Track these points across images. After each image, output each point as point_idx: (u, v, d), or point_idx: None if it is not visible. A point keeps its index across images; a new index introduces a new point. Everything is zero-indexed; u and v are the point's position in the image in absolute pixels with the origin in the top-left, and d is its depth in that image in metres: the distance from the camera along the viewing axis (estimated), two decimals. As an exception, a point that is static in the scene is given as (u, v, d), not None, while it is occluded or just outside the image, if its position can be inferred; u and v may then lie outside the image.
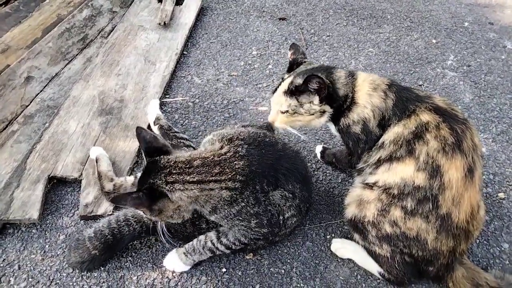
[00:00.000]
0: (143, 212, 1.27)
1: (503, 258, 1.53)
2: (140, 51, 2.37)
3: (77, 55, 2.33)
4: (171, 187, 1.21)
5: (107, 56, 2.31)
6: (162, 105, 2.10)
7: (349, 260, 1.51)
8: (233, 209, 1.27)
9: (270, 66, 2.38)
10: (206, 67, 2.36)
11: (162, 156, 1.25)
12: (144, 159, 1.30)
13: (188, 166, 1.24)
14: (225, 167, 1.25)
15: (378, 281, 1.45)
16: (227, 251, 1.41)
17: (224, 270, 1.47)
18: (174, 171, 1.22)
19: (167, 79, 2.21)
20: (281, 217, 1.37)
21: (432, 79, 2.30)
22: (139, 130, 1.29)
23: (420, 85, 2.26)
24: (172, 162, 1.23)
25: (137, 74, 2.22)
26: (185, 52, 2.46)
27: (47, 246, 1.51)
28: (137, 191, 1.22)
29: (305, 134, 1.98)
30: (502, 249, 1.55)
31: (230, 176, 1.25)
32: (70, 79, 2.18)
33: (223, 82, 2.26)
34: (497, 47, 2.53)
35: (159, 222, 1.36)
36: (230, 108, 2.11)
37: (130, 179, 1.62)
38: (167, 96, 2.16)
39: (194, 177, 1.22)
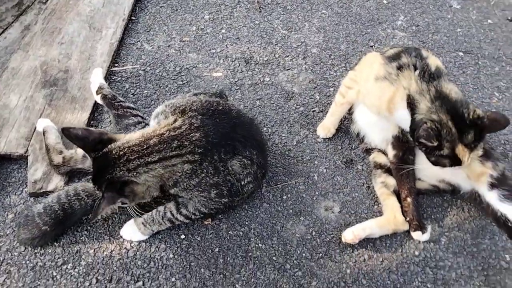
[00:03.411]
0: (123, 203, 1.24)
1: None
2: (84, 18, 2.22)
3: (12, 22, 2.15)
4: (135, 173, 1.19)
5: (47, 24, 2.15)
6: (111, 74, 2.01)
7: (305, 218, 1.57)
8: (192, 181, 1.27)
9: (223, 31, 2.32)
10: (156, 33, 2.26)
11: (110, 146, 1.20)
12: (88, 156, 1.25)
13: (144, 147, 1.21)
14: (184, 140, 1.24)
15: (332, 235, 1.53)
16: (187, 221, 1.42)
17: (183, 236, 1.48)
18: (132, 157, 1.19)
19: (115, 47, 2.10)
20: (238, 184, 1.39)
21: (383, 40, 2.34)
22: (66, 131, 1.21)
23: (371, 46, 2.30)
24: (126, 148, 1.20)
25: (82, 43, 2.09)
26: (133, 18, 2.33)
27: (-5, 226, 1.45)
28: (103, 191, 1.19)
29: (274, 110, 1.98)
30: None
31: (189, 149, 1.24)
32: (7, 50, 2.02)
33: (174, 49, 2.18)
34: (443, 7, 2.60)
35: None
36: (183, 75, 2.05)
37: (81, 151, 1.56)
38: (116, 64, 2.07)
39: (155, 157, 1.21)
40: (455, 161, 1.34)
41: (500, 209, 1.41)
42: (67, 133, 1.23)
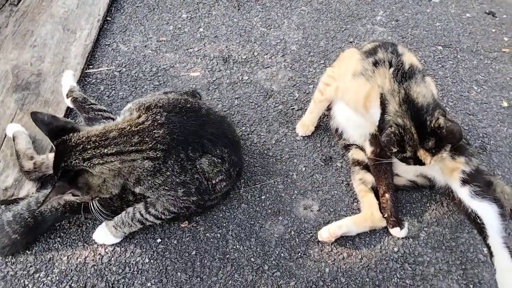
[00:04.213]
0: (74, 194, 1.21)
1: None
2: (57, 19, 2.18)
3: (-18, 26, 2.10)
4: (89, 163, 1.16)
5: (18, 26, 2.10)
6: (85, 76, 1.97)
7: (284, 218, 1.55)
8: (157, 180, 1.25)
9: (201, 29, 2.29)
10: (133, 33, 2.22)
11: (70, 134, 1.19)
12: (51, 143, 1.23)
13: (103, 138, 1.19)
14: (145, 137, 1.22)
15: (311, 234, 1.51)
16: (157, 221, 1.39)
17: (159, 240, 1.46)
18: (89, 146, 1.17)
19: (89, 48, 2.06)
20: (209, 183, 1.36)
21: (363, 35, 2.33)
22: (34, 114, 1.22)
23: (351, 42, 2.28)
24: (84, 137, 1.18)
25: (55, 45, 2.05)
26: (108, 18, 2.29)
27: (-36, 235, 1.41)
28: (57, 179, 1.17)
29: (253, 109, 1.96)
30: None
31: (150, 145, 1.21)
32: (-23, 54, 1.97)
33: (151, 49, 2.15)
34: (423, 1, 2.60)
35: (90, 201, 1.31)
36: (160, 76, 2.02)
37: (52, 156, 1.52)
38: (91, 66, 2.03)
39: (112, 149, 1.18)
40: (418, 162, 1.37)
41: (471, 205, 1.41)
42: (34, 117, 1.23)
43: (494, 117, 1.94)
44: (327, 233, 1.43)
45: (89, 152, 1.16)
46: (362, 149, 1.69)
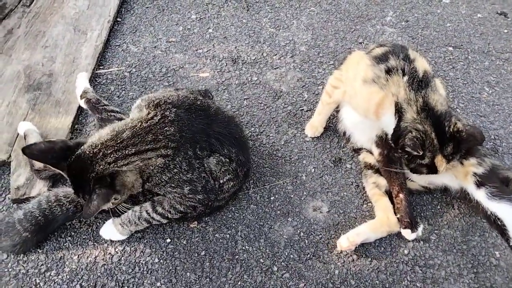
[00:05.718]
0: (116, 199, 1.22)
1: (435, 204, 1.62)
2: (68, 20, 2.20)
3: (-5, 27, 2.12)
4: (116, 165, 1.16)
5: (31, 27, 2.12)
6: (96, 77, 1.99)
7: (293, 219, 1.55)
8: (164, 176, 1.25)
9: (210, 30, 2.29)
10: (143, 34, 2.23)
11: (81, 148, 1.17)
12: (63, 174, 1.21)
13: (118, 141, 1.19)
14: (158, 134, 1.22)
15: (320, 236, 1.50)
16: (164, 221, 1.39)
17: (168, 240, 1.46)
18: (108, 151, 1.17)
19: (100, 49, 2.07)
20: (216, 182, 1.36)
21: (372, 36, 2.32)
22: (27, 149, 1.18)
23: (361, 43, 2.27)
24: (96, 146, 1.17)
25: (66, 45, 2.07)
26: (118, 19, 2.31)
27: (-23, 234, 1.42)
28: (92, 191, 1.14)
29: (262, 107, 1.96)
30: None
31: (164, 143, 1.23)
32: (-10, 54, 1.99)
33: (161, 49, 2.16)
34: (433, 1, 2.58)
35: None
36: (169, 76, 2.03)
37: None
38: (101, 67, 2.04)
39: (131, 150, 1.19)
40: (432, 170, 1.37)
41: (489, 207, 1.38)
42: (29, 151, 1.18)
43: (506, 118, 1.92)
44: (347, 242, 1.41)
45: (110, 156, 1.16)
46: (371, 152, 1.67)
